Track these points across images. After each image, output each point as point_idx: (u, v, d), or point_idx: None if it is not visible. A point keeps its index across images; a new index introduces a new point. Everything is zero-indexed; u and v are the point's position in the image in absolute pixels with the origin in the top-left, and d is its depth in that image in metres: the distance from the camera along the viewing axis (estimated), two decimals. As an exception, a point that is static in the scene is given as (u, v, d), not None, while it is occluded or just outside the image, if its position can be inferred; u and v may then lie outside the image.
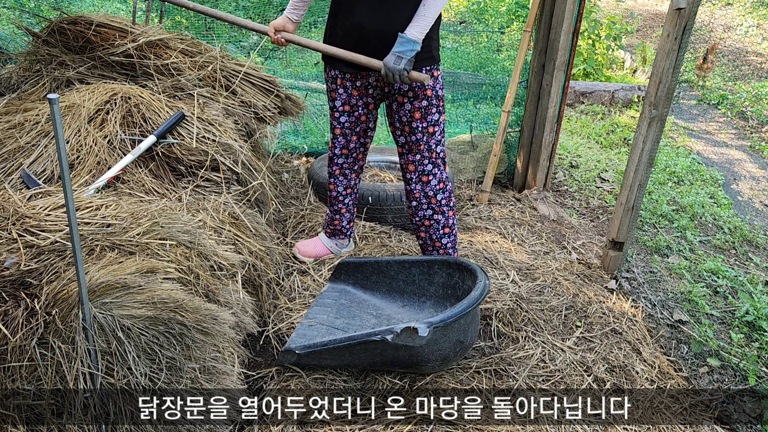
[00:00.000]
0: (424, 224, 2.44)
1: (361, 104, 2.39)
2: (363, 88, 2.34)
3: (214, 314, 1.58)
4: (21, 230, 1.58)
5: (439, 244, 2.46)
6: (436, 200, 2.39)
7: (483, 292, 1.97)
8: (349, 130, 2.45)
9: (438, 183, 2.37)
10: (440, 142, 2.34)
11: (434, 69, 2.24)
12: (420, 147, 2.32)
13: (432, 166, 2.35)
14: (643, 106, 2.47)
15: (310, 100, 4.29)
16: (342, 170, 2.57)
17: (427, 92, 2.24)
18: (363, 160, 2.60)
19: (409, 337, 1.79)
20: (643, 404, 2.02)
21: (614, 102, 6.09)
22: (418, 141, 2.31)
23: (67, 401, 1.40)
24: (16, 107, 2.24)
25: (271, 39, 2.33)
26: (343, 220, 2.70)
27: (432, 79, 2.23)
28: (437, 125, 2.30)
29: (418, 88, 2.22)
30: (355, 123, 2.43)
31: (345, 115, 2.40)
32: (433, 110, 2.27)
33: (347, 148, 2.51)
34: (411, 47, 2.05)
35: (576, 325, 2.38)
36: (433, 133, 2.31)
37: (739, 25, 8.80)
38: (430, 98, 2.25)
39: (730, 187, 4.39)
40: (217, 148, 2.24)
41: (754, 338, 2.44)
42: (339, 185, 2.60)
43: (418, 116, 2.27)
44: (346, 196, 2.65)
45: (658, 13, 10.13)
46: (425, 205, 2.40)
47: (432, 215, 2.41)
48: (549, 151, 3.63)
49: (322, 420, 1.81)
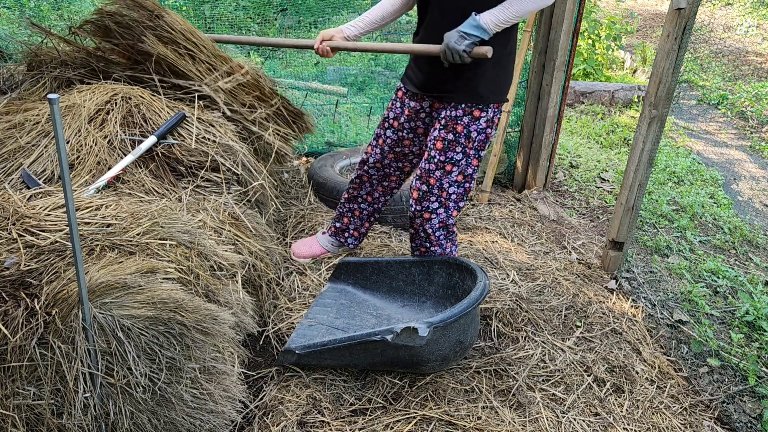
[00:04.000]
0: (420, 250, 2.35)
1: (408, 127, 2.28)
2: (414, 111, 2.24)
3: (214, 314, 1.58)
4: (21, 230, 1.58)
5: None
6: (435, 237, 2.27)
7: (483, 292, 1.97)
8: (388, 147, 2.34)
9: (439, 224, 2.23)
10: (457, 185, 2.15)
11: (476, 109, 2.06)
12: (430, 180, 2.15)
13: (438, 205, 2.19)
14: (643, 106, 2.47)
15: (310, 100, 4.29)
16: (369, 179, 2.46)
17: (458, 127, 2.08)
18: (396, 183, 2.48)
19: (409, 337, 1.79)
20: (643, 404, 2.02)
21: (614, 102, 6.09)
22: (429, 172, 2.15)
23: (67, 401, 1.40)
24: (17, 107, 2.24)
25: (316, 49, 2.22)
26: (352, 224, 2.58)
27: (469, 118, 2.07)
28: (456, 165, 2.12)
29: (450, 119, 2.09)
30: (397, 142, 2.33)
31: (392, 129, 2.32)
32: (458, 148, 2.10)
33: (381, 163, 2.39)
34: (478, 32, 1.89)
35: (576, 325, 2.38)
36: (450, 172, 2.13)
37: (739, 25, 8.80)
38: (459, 135, 2.08)
39: (730, 187, 4.39)
40: (217, 149, 2.24)
41: (754, 338, 2.44)
42: (362, 189, 2.50)
43: (439, 146, 2.11)
44: (363, 202, 2.53)
45: (658, 13, 10.13)
46: (423, 237, 2.29)
47: (429, 247, 2.31)
48: (549, 151, 3.63)
49: (322, 420, 1.81)
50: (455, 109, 2.09)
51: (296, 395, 1.89)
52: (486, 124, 2.10)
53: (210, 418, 1.62)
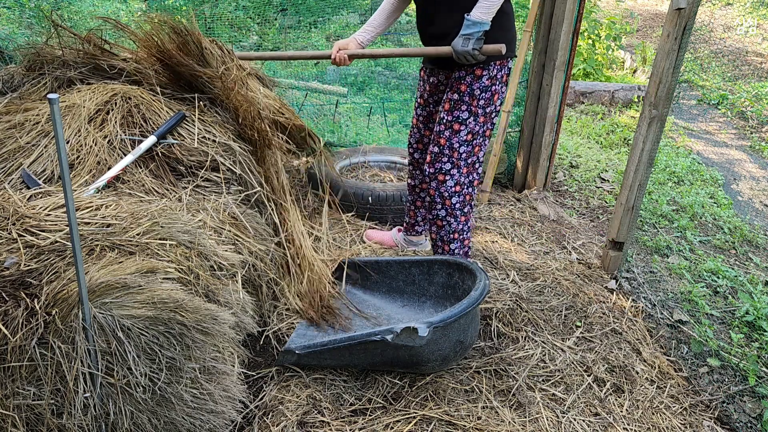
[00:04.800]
0: (436, 223, 2.43)
1: (432, 101, 2.43)
2: (434, 86, 2.39)
3: (214, 314, 1.58)
4: (21, 230, 1.58)
5: (447, 248, 2.46)
6: (451, 203, 2.35)
7: (483, 291, 1.97)
8: (422, 124, 2.50)
9: (454, 185, 2.32)
10: (466, 144, 2.27)
11: (477, 67, 2.18)
12: (440, 141, 2.27)
13: (450, 166, 2.29)
14: (643, 106, 2.47)
15: (310, 100, 4.29)
16: (418, 163, 2.60)
17: (461, 87, 2.20)
18: None
19: (409, 337, 1.79)
20: (643, 404, 2.02)
21: (614, 102, 6.09)
22: (439, 133, 2.28)
23: (67, 401, 1.40)
24: (17, 107, 2.24)
25: (333, 58, 2.31)
26: (418, 215, 2.72)
27: (471, 77, 2.18)
28: (464, 124, 2.24)
29: (454, 80, 2.21)
30: (428, 118, 2.48)
31: (420, 108, 2.49)
32: (463, 107, 2.22)
33: (422, 143, 2.54)
34: (477, 28, 2.05)
35: (576, 325, 2.38)
36: (458, 131, 2.24)
37: (739, 25, 8.79)
38: (463, 93, 2.20)
39: (730, 187, 4.39)
40: (217, 149, 2.24)
41: (754, 338, 2.44)
42: (416, 178, 2.64)
43: (446, 107, 2.24)
44: (423, 190, 2.65)
45: (658, 13, 10.13)
46: (439, 204, 2.37)
47: (445, 216, 2.38)
48: (549, 151, 3.63)
49: (322, 420, 1.81)
50: (459, 71, 2.21)
51: (296, 395, 1.89)
52: (489, 81, 2.20)
53: (210, 418, 1.62)
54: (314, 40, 5.55)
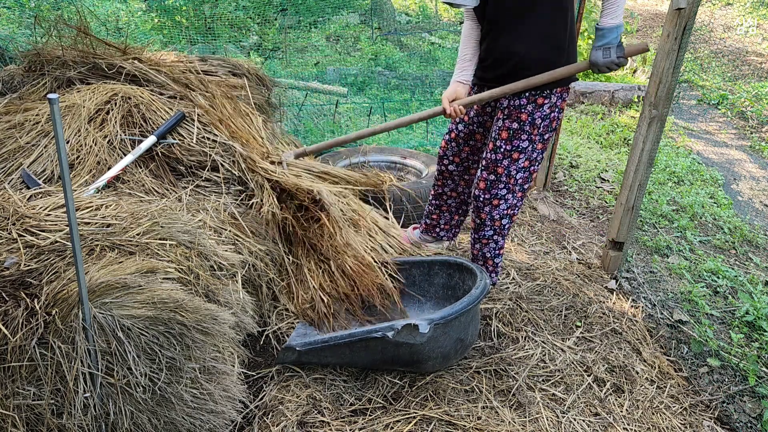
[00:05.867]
0: (481, 242, 2.41)
1: (477, 121, 2.35)
2: (481, 106, 2.30)
3: (214, 314, 1.58)
4: (21, 230, 1.58)
5: (491, 263, 2.46)
6: (500, 224, 2.34)
7: (483, 290, 1.97)
8: (462, 140, 2.41)
9: (507, 209, 2.31)
10: (524, 170, 2.23)
11: (539, 97, 2.11)
12: (497, 169, 2.21)
13: (506, 192, 2.26)
14: (643, 106, 2.47)
15: (310, 100, 4.29)
16: (451, 174, 2.53)
17: (522, 116, 2.13)
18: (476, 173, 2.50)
19: (409, 334, 1.79)
20: (643, 404, 2.02)
21: (614, 102, 6.09)
22: (497, 162, 2.21)
23: (67, 401, 1.40)
24: (17, 107, 2.24)
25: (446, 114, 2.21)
26: (442, 219, 2.67)
27: (532, 105, 2.10)
28: (523, 152, 2.18)
29: (513, 108, 2.13)
30: (469, 136, 2.40)
31: (463, 123, 2.39)
32: (523, 136, 2.15)
33: (459, 157, 2.46)
34: (615, 34, 1.96)
35: (576, 325, 2.38)
36: (517, 159, 2.19)
37: (739, 25, 8.79)
38: (523, 123, 2.13)
39: (730, 187, 4.39)
40: (217, 149, 2.24)
41: (754, 338, 2.44)
42: (446, 186, 2.57)
43: (504, 136, 2.17)
44: (451, 198, 2.60)
45: (658, 13, 10.13)
46: (488, 226, 2.34)
47: (492, 235, 2.37)
48: (549, 151, 3.63)
49: (322, 420, 1.81)
50: (518, 98, 2.12)
51: (296, 395, 1.89)
52: (550, 110, 2.13)
53: (210, 418, 1.62)
54: (314, 40, 5.56)
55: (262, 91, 2.85)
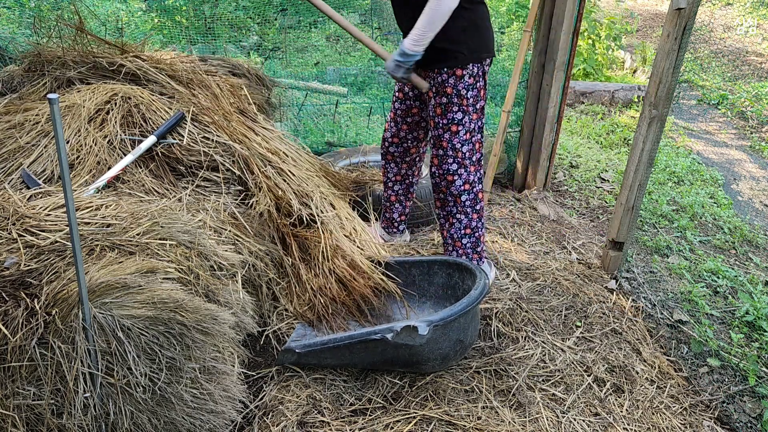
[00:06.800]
0: (448, 220, 2.49)
1: (412, 96, 2.48)
2: None
3: (214, 314, 1.58)
4: (21, 230, 1.58)
5: (459, 244, 2.50)
6: (461, 200, 2.42)
7: (483, 291, 1.97)
8: (400, 118, 2.55)
9: (463, 184, 2.39)
10: (466, 142, 2.35)
11: (457, 68, 2.25)
12: (442, 143, 2.35)
13: (457, 166, 2.37)
14: (643, 106, 2.47)
15: (309, 100, 4.29)
16: (393, 157, 2.65)
17: (447, 89, 2.27)
18: (417, 154, 2.66)
19: (409, 335, 1.79)
20: (643, 404, 2.02)
21: (614, 102, 6.09)
22: (439, 137, 2.35)
23: (67, 401, 1.40)
24: (17, 107, 2.24)
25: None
26: (394, 211, 2.77)
27: (453, 78, 2.24)
28: (461, 124, 2.31)
29: (438, 84, 2.27)
30: (407, 112, 2.53)
31: (399, 101, 2.53)
32: (455, 108, 2.28)
33: (398, 137, 2.60)
34: (407, 60, 2.18)
35: (576, 325, 2.38)
36: (456, 132, 2.32)
37: (739, 25, 8.79)
38: (450, 96, 2.27)
39: (730, 187, 4.39)
40: (217, 149, 2.24)
41: (754, 338, 2.44)
42: (389, 171, 2.70)
43: (439, 112, 2.31)
44: (396, 183, 2.72)
45: (658, 13, 10.13)
46: (451, 202, 2.44)
47: (455, 213, 2.45)
48: (549, 151, 3.63)
49: (322, 420, 1.81)
50: (439, 75, 2.26)
51: (296, 395, 1.89)
52: (472, 80, 2.27)
53: (210, 418, 1.62)
54: (314, 40, 5.56)
55: (262, 91, 2.85)
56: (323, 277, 2.24)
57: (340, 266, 2.26)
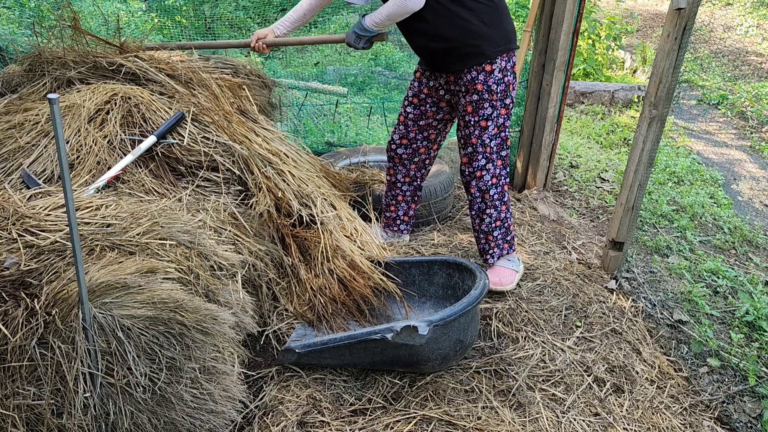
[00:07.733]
0: (479, 216, 2.52)
1: (429, 101, 2.51)
2: (433, 89, 2.48)
3: (214, 314, 1.58)
4: (21, 230, 1.58)
5: (491, 237, 2.54)
6: (489, 195, 2.46)
7: (483, 291, 1.97)
8: (411, 122, 2.58)
9: (491, 178, 2.43)
10: (495, 137, 2.38)
11: (486, 64, 2.28)
12: (472, 140, 2.38)
13: (485, 161, 2.40)
14: (643, 106, 2.47)
15: (310, 100, 4.29)
16: (401, 160, 2.67)
17: (477, 86, 2.30)
18: (426, 155, 2.67)
19: (409, 335, 1.79)
20: (643, 404, 2.02)
21: (614, 102, 6.09)
22: (470, 135, 2.38)
23: (67, 401, 1.40)
24: (17, 107, 2.24)
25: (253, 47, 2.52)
26: (399, 209, 2.78)
27: (483, 74, 2.28)
28: (490, 119, 2.34)
29: (468, 83, 2.30)
30: (420, 116, 2.55)
31: (411, 106, 2.55)
32: (485, 105, 2.32)
33: (407, 138, 2.61)
34: (366, 33, 2.34)
35: (576, 325, 2.38)
36: (486, 127, 2.35)
37: (739, 25, 8.79)
38: (481, 92, 2.30)
39: (730, 187, 4.39)
40: (217, 149, 2.24)
41: (754, 338, 2.44)
42: (398, 173, 2.71)
43: (470, 110, 2.34)
44: (404, 184, 2.73)
45: (658, 13, 10.13)
46: (479, 199, 2.48)
47: (485, 209, 2.49)
48: (549, 151, 3.63)
49: (321, 420, 1.81)
50: (468, 74, 2.30)
51: (296, 395, 1.89)
52: (501, 73, 2.31)
53: (210, 418, 1.62)
54: (314, 40, 5.54)
55: (263, 91, 2.85)
56: (323, 278, 2.24)
57: (340, 266, 2.26)
